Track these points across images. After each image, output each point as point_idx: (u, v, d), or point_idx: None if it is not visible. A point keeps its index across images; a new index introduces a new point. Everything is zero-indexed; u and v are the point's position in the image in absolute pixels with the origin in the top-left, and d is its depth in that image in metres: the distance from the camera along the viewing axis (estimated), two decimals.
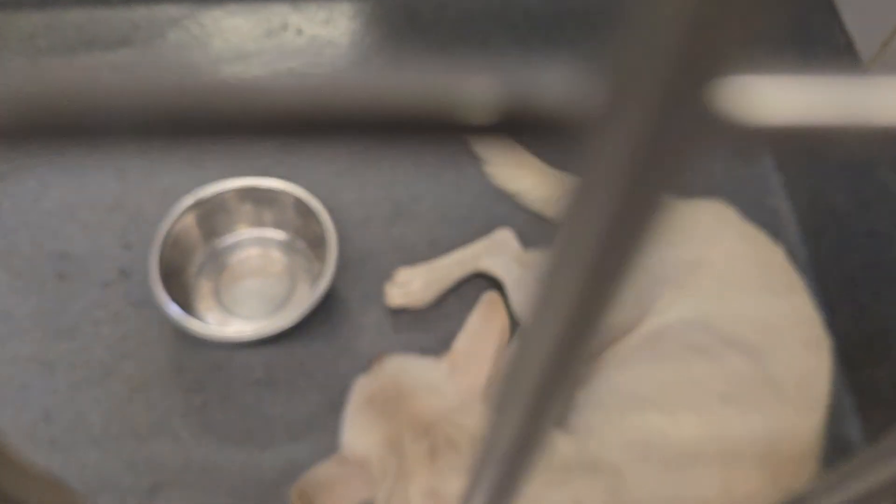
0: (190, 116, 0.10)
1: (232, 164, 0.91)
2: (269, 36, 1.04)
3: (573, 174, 0.09)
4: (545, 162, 0.90)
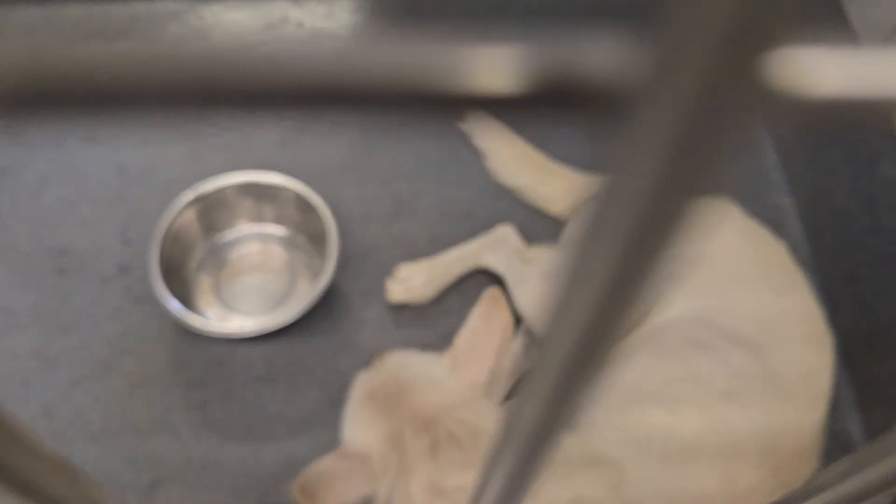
0: (195, 85, 0.09)
1: (232, 158, 0.91)
2: (269, 30, 1.04)
3: (612, 149, 0.09)
4: (548, 156, 0.90)
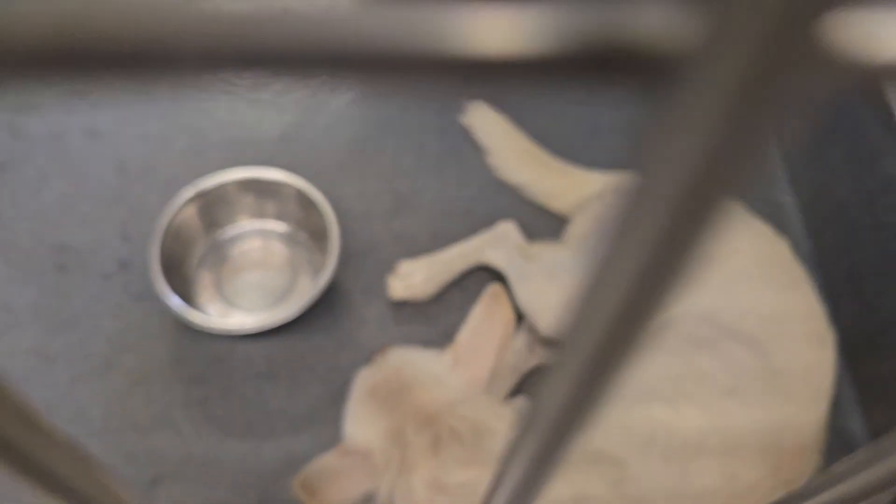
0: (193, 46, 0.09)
1: (233, 155, 0.91)
2: None
3: (660, 119, 0.09)
4: (549, 152, 0.90)
